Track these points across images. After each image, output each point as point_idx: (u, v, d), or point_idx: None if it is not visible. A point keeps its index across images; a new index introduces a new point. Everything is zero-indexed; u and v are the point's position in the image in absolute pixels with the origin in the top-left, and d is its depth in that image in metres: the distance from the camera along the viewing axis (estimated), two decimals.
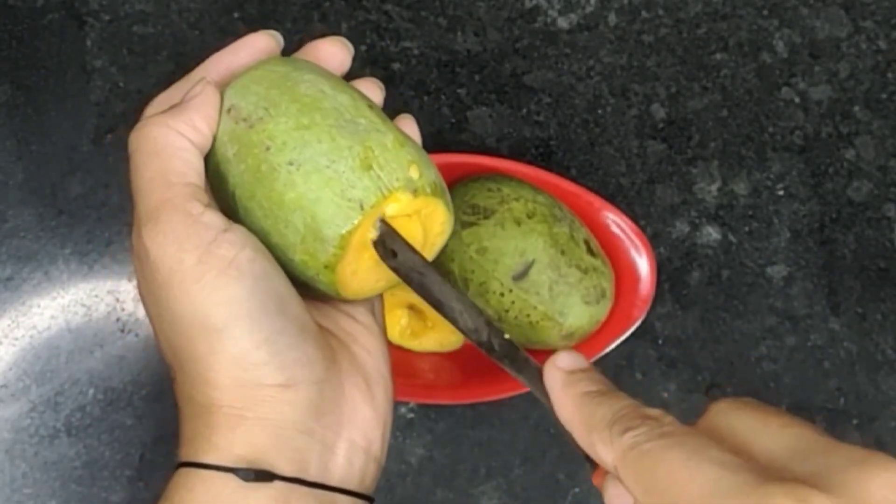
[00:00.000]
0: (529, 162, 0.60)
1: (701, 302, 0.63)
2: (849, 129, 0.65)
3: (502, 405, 0.60)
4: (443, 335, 0.59)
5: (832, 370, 0.63)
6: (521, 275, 0.55)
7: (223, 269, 0.34)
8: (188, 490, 0.34)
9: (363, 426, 0.37)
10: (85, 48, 0.63)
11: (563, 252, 0.55)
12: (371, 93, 0.41)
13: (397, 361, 0.41)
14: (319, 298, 0.39)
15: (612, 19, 0.65)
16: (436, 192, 0.38)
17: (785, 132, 0.65)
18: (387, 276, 0.38)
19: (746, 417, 0.31)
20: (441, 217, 0.39)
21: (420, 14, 0.64)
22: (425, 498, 0.60)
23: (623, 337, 0.58)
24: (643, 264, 0.59)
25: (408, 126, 0.41)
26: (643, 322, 0.59)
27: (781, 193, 0.64)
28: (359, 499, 0.37)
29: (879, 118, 0.65)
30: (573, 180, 0.59)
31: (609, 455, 0.31)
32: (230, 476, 0.34)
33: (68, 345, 0.60)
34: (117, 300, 0.60)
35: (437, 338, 0.59)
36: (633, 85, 0.65)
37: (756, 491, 0.27)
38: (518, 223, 0.55)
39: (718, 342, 0.63)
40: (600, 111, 0.64)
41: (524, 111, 0.64)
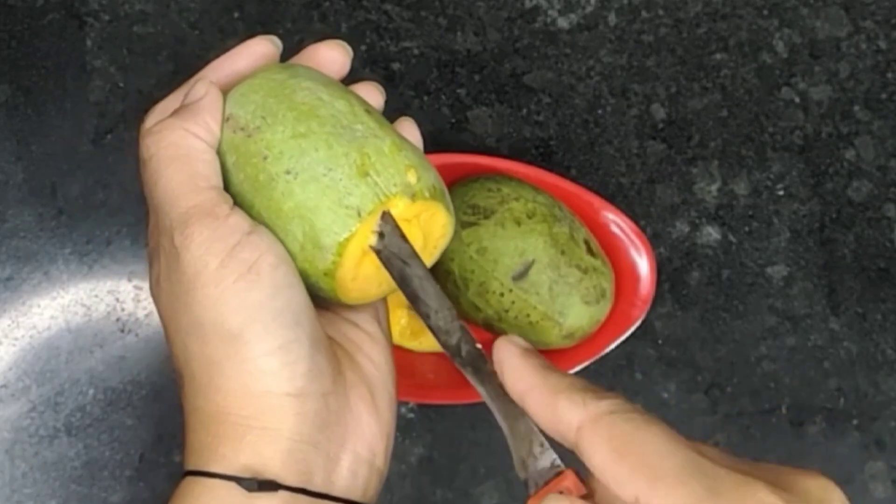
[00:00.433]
0: (529, 162, 0.60)
1: (701, 302, 0.63)
2: (849, 129, 0.65)
3: None
4: None
5: (832, 370, 0.63)
6: (521, 275, 0.55)
7: (243, 274, 0.34)
8: (194, 498, 0.34)
9: (368, 438, 0.37)
10: (85, 48, 0.63)
11: (563, 252, 0.55)
12: (371, 96, 0.41)
13: (397, 361, 0.41)
14: (323, 306, 0.39)
15: (612, 19, 0.65)
16: (435, 196, 0.38)
17: (785, 132, 0.65)
18: (388, 281, 0.38)
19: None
20: (442, 220, 0.39)
21: (420, 14, 0.64)
22: (425, 498, 0.60)
23: (623, 337, 0.58)
24: (643, 264, 0.59)
25: (408, 129, 0.41)
26: (643, 322, 0.59)
27: (781, 193, 0.64)
28: None
29: (879, 118, 0.65)
30: (573, 180, 0.59)
31: (578, 415, 0.31)
32: (234, 485, 0.34)
33: (68, 345, 0.60)
34: (117, 300, 0.60)
35: None
36: (633, 85, 0.65)
37: (739, 485, 0.28)
38: (518, 223, 0.55)
39: (718, 342, 0.63)
40: (600, 111, 0.64)
41: (524, 111, 0.64)
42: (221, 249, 0.34)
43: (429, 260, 0.40)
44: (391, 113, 0.41)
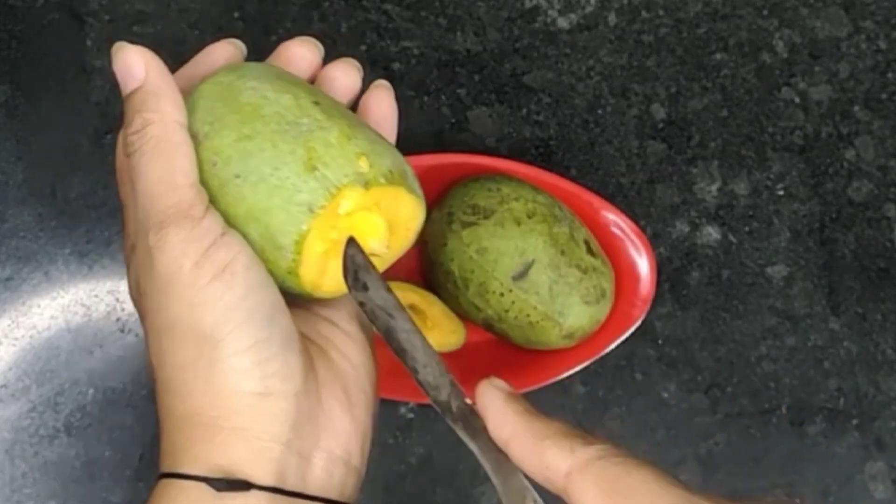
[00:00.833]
0: (529, 162, 0.60)
1: (701, 302, 0.63)
2: (849, 129, 0.65)
3: None
4: (443, 335, 0.59)
5: (832, 370, 0.63)
6: (521, 275, 0.55)
7: (217, 274, 0.34)
8: (169, 500, 0.35)
9: (342, 437, 0.37)
10: (85, 48, 0.63)
11: (563, 252, 0.55)
12: (344, 75, 0.40)
13: (398, 361, 0.41)
14: (299, 304, 0.39)
15: (612, 19, 0.65)
16: (393, 181, 0.37)
17: (785, 132, 0.65)
18: None
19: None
20: (407, 203, 0.38)
21: (420, 14, 0.64)
22: (425, 498, 0.60)
23: (623, 337, 0.58)
24: (643, 264, 0.59)
25: (380, 100, 0.40)
26: (643, 322, 0.59)
27: (781, 193, 0.64)
28: None
29: (879, 118, 0.65)
30: (573, 180, 0.59)
31: (566, 462, 0.31)
32: (206, 486, 0.34)
33: (68, 345, 0.60)
34: (117, 300, 0.60)
35: (437, 338, 0.59)
36: (633, 85, 0.65)
37: None
38: (518, 223, 0.55)
39: (718, 342, 0.63)
40: (600, 111, 0.64)
41: (524, 111, 0.64)
42: (196, 251, 0.34)
43: (405, 244, 0.39)
44: None
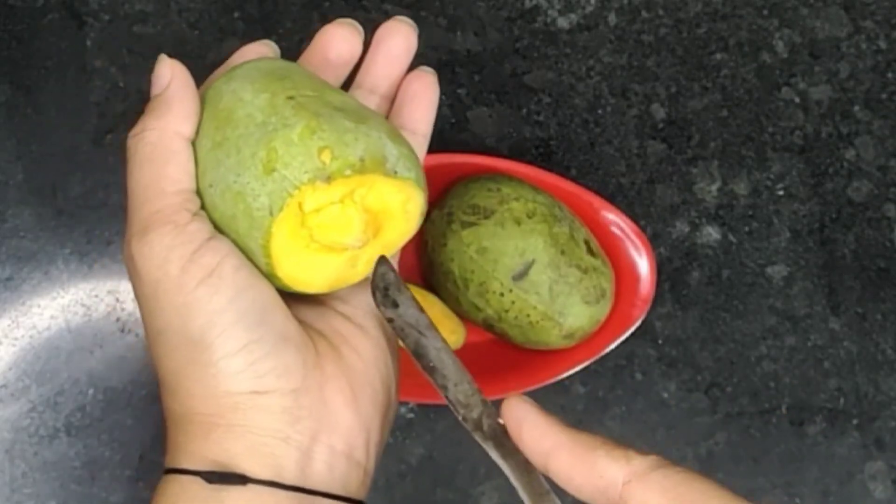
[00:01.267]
0: (529, 162, 0.60)
1: (701, 302, 0.63)
2: (849, 129, 0.65)
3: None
4: (443, 335, 0.59)
5: (832, 370, 0.63)
6: (521, 275, 0.55)
7: (204, 279, 0.34)
8: (170, 496, 0.35)
9: (344, 432, 0.37)
10: (85, 48, 0.63)
11: (563, 252, 0.55)
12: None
13: (399, 361, 0.41)
14: (314, 299, 0.39)
15: (612, 19, 0.65)
16: (363, 170, 0.35)
17: (785, 132, 0.65)
18: (344, 261, 0.37)
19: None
20: (392, 188, 0.36)
21: (420, 14, 0.64)
22: (425, 498, 0.60)
23: (623, 337, 0.58)
24: (643, 264, 0.59)
25: (423, 85, 0.41)
26: (643, 322, 0.59)
27: (781, 193, 0.64)
28: (343, 502, 0.37)
29: (879, 118, 0.65)
30: (573, 180, 0.59)
31: (622, 471, 0.31)
32: (204, 480, 0.34)
33: (68, 345, 0.60)
34: (117, 300, 0.60)
35: None
36: (633, 85, 0.65)
37: None
38: (518, 223, 0.55)
39: (718, 342, 0.63)
40: (600, 111, 0.64)
41: (524, 111, 0.64)
42: (181, 256, 0.34)
43: (408, 229, 0.38)
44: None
